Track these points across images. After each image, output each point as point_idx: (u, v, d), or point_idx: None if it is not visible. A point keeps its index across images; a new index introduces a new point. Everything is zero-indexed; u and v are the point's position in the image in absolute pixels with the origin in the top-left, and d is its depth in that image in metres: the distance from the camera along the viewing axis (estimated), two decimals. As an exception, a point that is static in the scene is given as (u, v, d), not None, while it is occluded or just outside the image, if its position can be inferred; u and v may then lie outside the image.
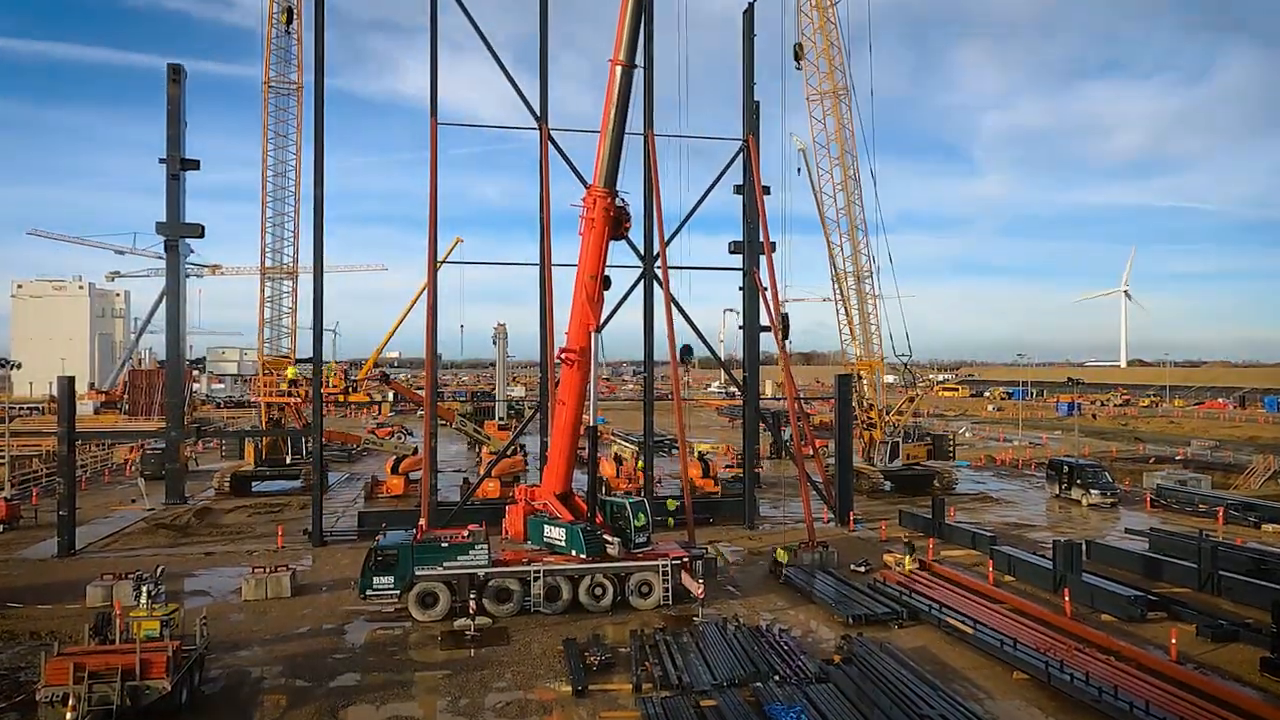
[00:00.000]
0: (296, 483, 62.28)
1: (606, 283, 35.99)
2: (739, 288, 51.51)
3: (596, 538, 33.36)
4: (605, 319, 39.45)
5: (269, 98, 56.95)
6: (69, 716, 21.23)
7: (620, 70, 34.43)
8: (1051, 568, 36.17)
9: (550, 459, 37.49)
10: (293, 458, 63.06)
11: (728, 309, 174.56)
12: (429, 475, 45.07)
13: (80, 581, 35.07)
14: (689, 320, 47.54)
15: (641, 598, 33.20)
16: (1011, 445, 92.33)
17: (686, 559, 34.19)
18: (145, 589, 25.88)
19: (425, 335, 45.73)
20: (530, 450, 57.20)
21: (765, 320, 49.62)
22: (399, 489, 60.01)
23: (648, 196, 46.38)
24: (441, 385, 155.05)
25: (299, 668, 27.15)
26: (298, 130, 57.09)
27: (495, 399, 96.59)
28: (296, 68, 57.13)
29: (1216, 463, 74.65)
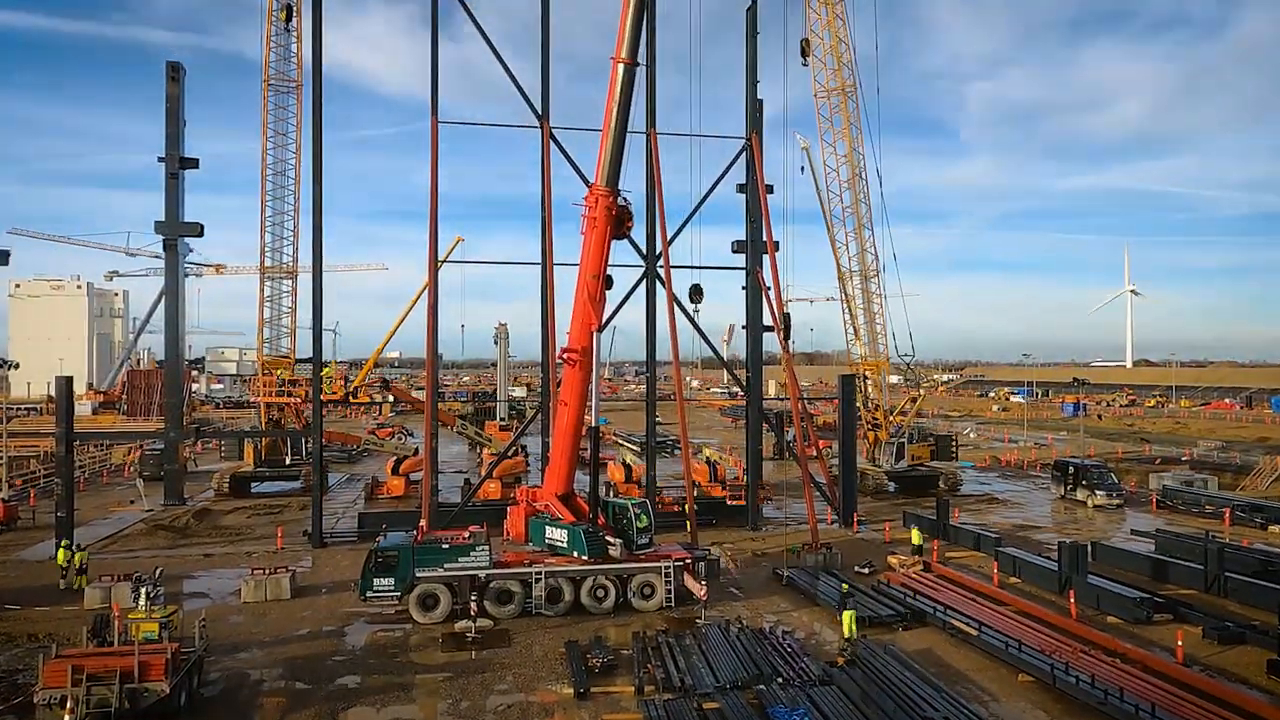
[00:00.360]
0: (296, 484, 62.12)
1: (609, 282, 35.79)
2: (742, 287, 51.13)
3: (598, 539, 33.16)
4: (607, 319, 39.24)
5: (268, 95, 56.71)
6: (67, 719, 21.08)
7: (623, 68, 34.08)
8: (1057, 569, 35.96)
9: (552, 460, 37.26)
10: (292, 459, 62.93)
11: (731, 323, 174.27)
12: (429, 476, 44.87)
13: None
14: (691, 320, 47.31)
15: (644, 599, 33.01)
16: (1016, 446, 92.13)
17: (689, 560, 34.00)
18: (144, 591, 25.71)
19: (426, 335, 45.60)
20: (532, 451, 56.94)
21: (768, 320, 49.40)
22: (399, 490, 59.91)
23: (650, 195, 46.17)
24: (442, 386, 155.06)
25: (299, 670, 26.99)
26: (297, 129, 56.92)
27: (496, 399, 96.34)
28: (296, 65, 57.00)
29: (1223, 463, 74.29)
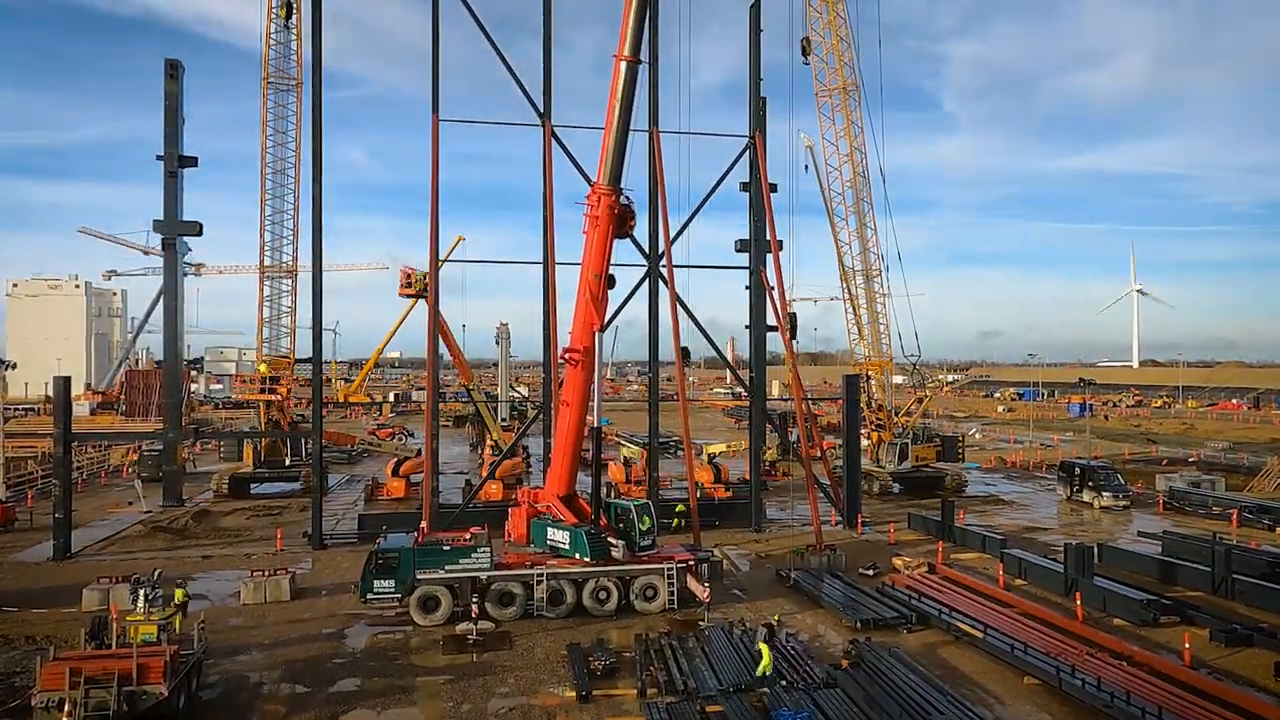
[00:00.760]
0: (296, 485, 61.85)
1: (611, 281, 35.52)
2: (745, 286, 50.92)
3: (601, 541, 32.90)
4: (610, 318, 39.00)
5: (268, 93, 56.44)
6: None
7: (625, 66, 33.83)
8: (1063, 571, 35.68)
9: (553, 461, 37.02)
10: (292, 459, 62.65)
11: (732, 336, 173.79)
12: (430, 477, 44.63)
13: (76, 585, 34.66)
14: (694, 319, 47.08)
15: (646, 601, 32.74)
16: (1022, 447, 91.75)
17: (692, 562, 33.74)
18: (142, 593, 25.48)
19: (427, 335, 45.38)
20: (533, 452, 56.60)
21: (772, 319, 49.14)
22: (400, 492, 59.54)
23: (653, 194, 45.96)
24: (443, 386, 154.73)
25: (298, 673, 26.75)
26: (297, 127, 56.66)
27: (498, 399, 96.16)
28: (296, 63, 56.72)
29: (1230, 465, 73.94)
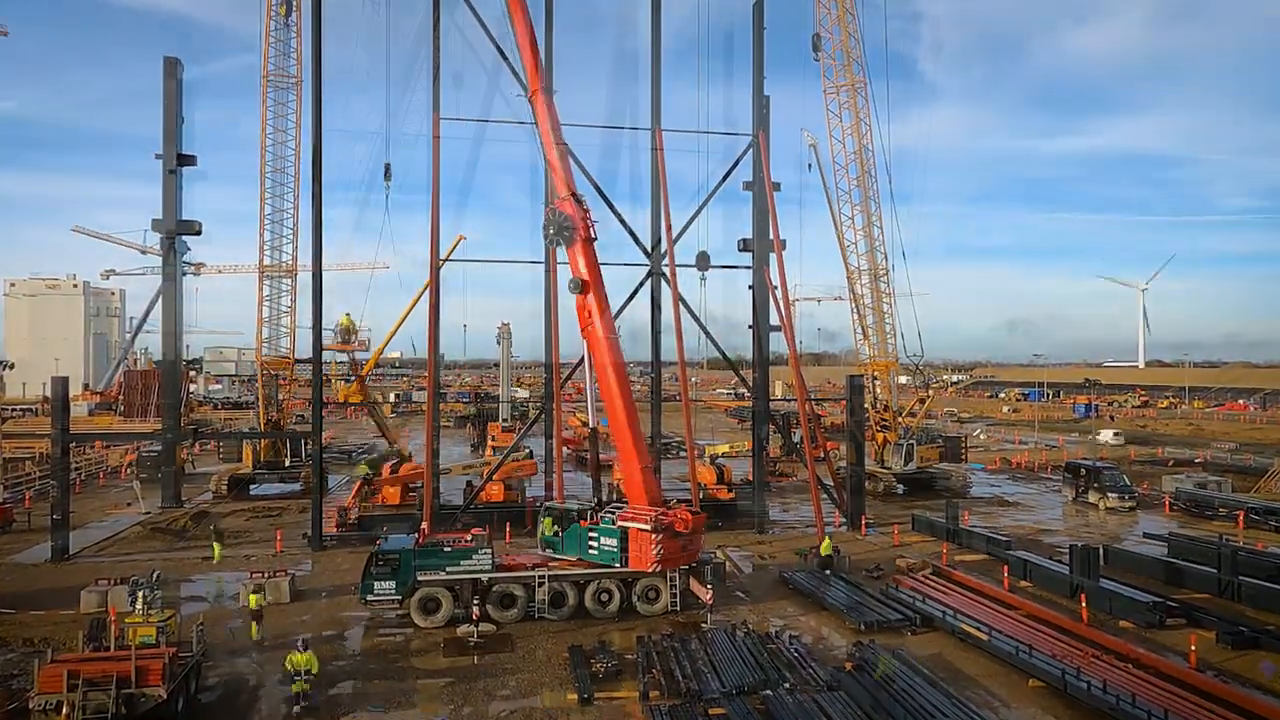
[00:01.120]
0: (296, 485, 61.52)
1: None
2: (748, 286, 50.62)
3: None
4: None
5: (267, 91, 56.24)
6: None
7: (543, 97, 36.10)
8: (1068, 573, 35.51)
9: (623, 467, 34.86)
10: (292, 460, 62.37)
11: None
12: (430, 478, 44.39)
13: (74, 587, 34.46)
14: (697, 319, 46.89)
15: (649, 603, 32.52)
16: (1027, 447, 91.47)
17: (694, 564, 33.48)
18: (141, 594, 25.31)
19: (428, 335, 45.28)
20: (535, 454, 56.05)
21: (775, 319, 48.95)
22: (395, 499, 56.14)
23: (655, 194, 45.78)
24: (444, 386, 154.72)
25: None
26: (297, 126, 56.46)
27: (499, 400, 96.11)
28: (296, 60, 56.52)
29: (1237, 466, 73.64)
